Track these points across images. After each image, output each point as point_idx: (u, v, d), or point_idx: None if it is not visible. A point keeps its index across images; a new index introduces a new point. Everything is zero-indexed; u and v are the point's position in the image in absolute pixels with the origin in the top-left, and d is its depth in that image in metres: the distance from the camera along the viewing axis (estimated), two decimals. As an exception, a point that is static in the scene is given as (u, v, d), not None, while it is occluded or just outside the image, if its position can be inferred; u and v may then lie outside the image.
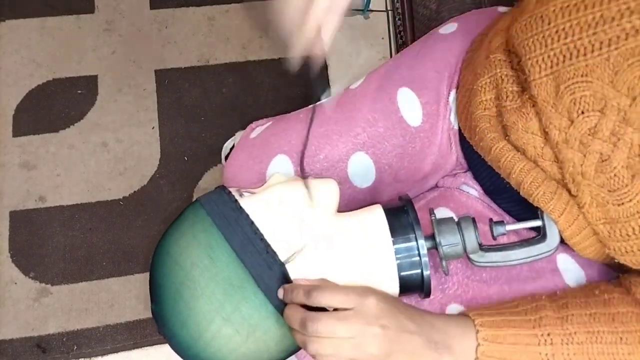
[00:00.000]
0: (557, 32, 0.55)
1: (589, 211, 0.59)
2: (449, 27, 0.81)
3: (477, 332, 0.59)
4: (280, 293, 0.59)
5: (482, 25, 0.77)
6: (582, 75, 0.54)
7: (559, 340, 0.58)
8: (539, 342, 0.58)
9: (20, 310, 1.27)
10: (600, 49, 0.51)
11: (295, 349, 0.64)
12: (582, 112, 0.55)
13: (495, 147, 0.65)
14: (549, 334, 0.58)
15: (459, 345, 0.59)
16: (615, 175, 0.54)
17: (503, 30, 0.67)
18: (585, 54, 0.53)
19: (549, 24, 0.55)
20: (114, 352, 1.27)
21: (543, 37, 0.56)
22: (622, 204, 0.55)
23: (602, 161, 0.55)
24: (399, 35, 1.51)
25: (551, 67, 0.56)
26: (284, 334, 0.62)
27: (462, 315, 0.63)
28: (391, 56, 1.52)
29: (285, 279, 0.60)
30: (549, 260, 0.71)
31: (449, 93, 0.76)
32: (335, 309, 0.57)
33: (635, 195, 0.54)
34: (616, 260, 0.61)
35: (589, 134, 0.55)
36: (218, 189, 0.65)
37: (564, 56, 0.54)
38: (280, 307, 0.60)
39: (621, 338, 0.57)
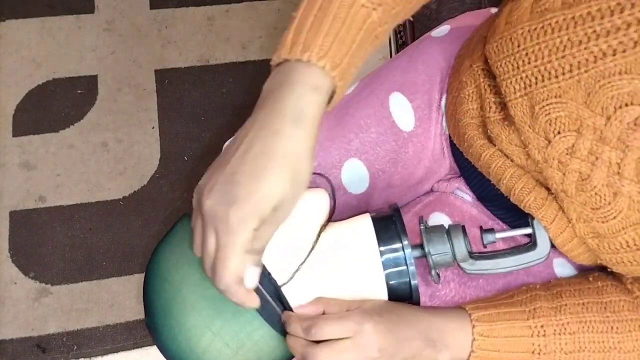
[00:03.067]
0: (527, 54, 0.54)
1: (576, 226, 0.59)
2: (441, 30, 0.80)
3: (474, 326, 0.60)
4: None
5: (474, 27, 0.76)
6: (555, 97, 0.53)
7: (551, 331, 0.59)
8: (532, 334, 0.60)
9: (20, 310, 1.27)
10: (571, 71, 0.51)
11: None
12: (559, 132, 0.54)
13: (485, 153, 0.65)
14: (542, 326, 0.60)
15: (456, 340, 0.60)
16: (596, 193, 0.54)
17: (484, 37, 0.67)
18: (557, 76, 0.52)
19: (518, 46, 0.55)
20: (114, 352, 1.27)
21: (514, 59, 0.55)
22: (607, 221, 0.55)
23: (582, 180, 0.54)
24: (398, 35, 1.51)
25: (524, 88, 0.55)
26: (275, 345, 0.62)
27: (459, 308, 0.64)
28: (391, 56, 1.51)
29: (277, 292, 0.60)
30: (545, 265, 0.70)
31: (441, 97, 0.75)
32: None
33: (618, 213, 0.54)
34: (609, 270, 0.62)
35: (566, 154, 0.54)
36: None
37: (536, 78, 0.54)
38: (270, 319, 0.60)
39: (612, 327, 0.58)
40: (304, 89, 0.49)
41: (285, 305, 0.60)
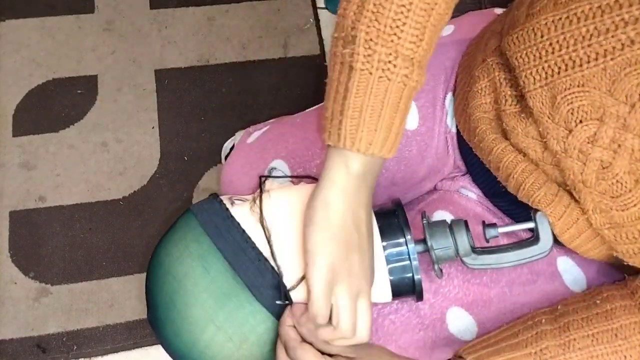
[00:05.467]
0: (550, 44, 0.54)
1: (592, 217, 0.59)
2: (445, 30, 0.81)
3: None
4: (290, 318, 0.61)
5: (478, 27, 0.76)
6: (578, 86, 0.53)
7: None
8: None
9: (20, 310, 1.27)
10: (597, 59, 0.51)
11: None
12: (580, 122, 0.54)
13: (496, 148, 0.65)
14: None
15: None
16: (617, 181, 0.54)
17: (498, 33, 0.67)
18: (581, 65, 0.52)
19: (541, 37, 0.55)
20: (113, 352, 1.27)
21: (537, 49, 0.56)
22: (627, 209, 0.55)
23: (603, 168, 0.55)
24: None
25: (546, 78, 0.56)
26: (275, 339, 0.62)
27: (459, 359, 0.63)
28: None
29: (280, 286, 0.60)
30: (549, 263, 0.70)
31: (445, 96, 0.75)
32: None
33: (639, 200, 0.54)
34: (625, 263, 0.61)
35: (588, 142, 0.55)
36: (210, 197, 0.65)
37: (559, 67, 0.54)
38: (275, 313, 0.60)
39: (625, 356, 0.56)
40: (372, 187, 0.58)
41: (289, 300, 0.60)
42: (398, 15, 0.51)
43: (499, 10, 0.80)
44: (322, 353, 0.58)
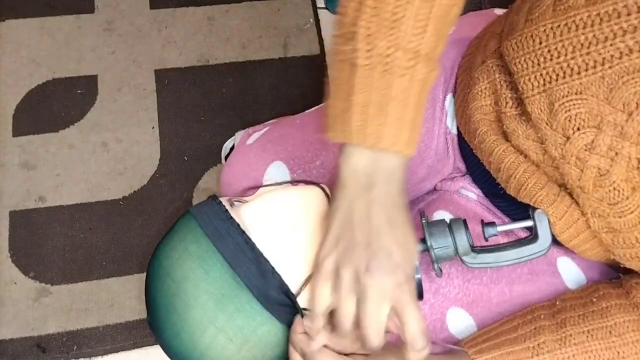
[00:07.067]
0: (549, 51, 0.54)
1: (591, 220, 0.59)
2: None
3: None
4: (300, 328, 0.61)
5: (478, 27, 0.76)
6: (576, 93, 0.53)
7: None
8: None
9: (20, 310, 1.27)
10: (595, 67, 0.51)
11: None
12: (578, 129, 0.54)
13: (498, 149, 0.65)
14: None
15: None
16: (614, 188, 0.54)
17: (498, 34, 0.67)
18: (579, 73, 0.52)
19: (540, 43, 0.55)
20: (113, 352, 1.27)
21: (535, 56, 0.56)
22: (624, 216, 0.55)
23: (600, 176, 0.55)
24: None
25: (544, 85, 0.56)
26: (278, 340, 0.62)
27: (460, 350, 0.64)
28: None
29: (281, 287, 0.60)
30: (548, 263, 0.71)
31: (445, 97, 0.75)
32: None
33: (636, 207, 0.54)
34: (622, 265, 0.62)
35: (585, 150, 0.55)
36: (209, 199, 0.65)
37: (557, 75, 0.54)
38: (276, 314, 0.60)
39: (618, 352, 0.58)
40: (390, 184, 0.53)
41: (294, 304, 0.60)
42: (397, 8, 0.50)
43: (499, 11, 0.80)
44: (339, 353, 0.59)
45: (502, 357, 0.61)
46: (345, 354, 0.59)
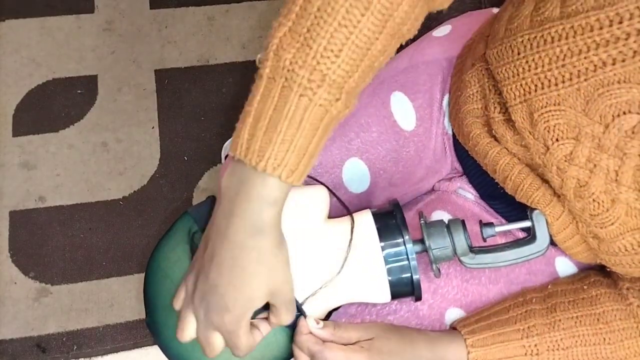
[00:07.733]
0: (527, 62, 0.54)
1: (579, 225, 0.60)
2: (442, 30, 0.80)
3: (469, 352, 0.63)
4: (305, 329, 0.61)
5: (475, 27, 0.76)
6: (554, 104, 0.53)
7: (545, 348, 0.61)
8: (525, 352, 0.62)
9: (20, 310, 1.27)
10: (571, 79, 0.51)
11: (290, 356, 0.64)
12: (557, 140, 0.55)
13: (492, 151, 0.65)
14: (536, 345, 0.62)
15: None
16: (594, 200, 0.55)
17: (486, 37, 0.67)
18: (556, 84, 0.52)
19: (518, 54, 0.55)
20: (113, 352, 1.27)
21: (514, 66, 0.56)
22: (605, 227, 0.56)
23: (580, 187, 0.55)
24: (399, 35, 1.50)
25: (524, 94, 0.56)
26: (277, 341, 0.62)
27: (454, 330, 0.65)
28: (391, 56, 1.51)
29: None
30: (547, 264, 0.71)
31: (443, 97, 0.75)
32: None
33: (616, 219, 0.54)
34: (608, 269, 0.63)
35: (565, 161, 0.55)
36: (208, 199, 0.65)
37: (536, 86, 0.54)
38: None
39: (604, 339, 0.61)
40: (261, 206, 0.50)
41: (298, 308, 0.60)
42: (313, 26, 0.47)
43: (496, 10, 0.79)
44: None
45: (493, 337, 0.63)
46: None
